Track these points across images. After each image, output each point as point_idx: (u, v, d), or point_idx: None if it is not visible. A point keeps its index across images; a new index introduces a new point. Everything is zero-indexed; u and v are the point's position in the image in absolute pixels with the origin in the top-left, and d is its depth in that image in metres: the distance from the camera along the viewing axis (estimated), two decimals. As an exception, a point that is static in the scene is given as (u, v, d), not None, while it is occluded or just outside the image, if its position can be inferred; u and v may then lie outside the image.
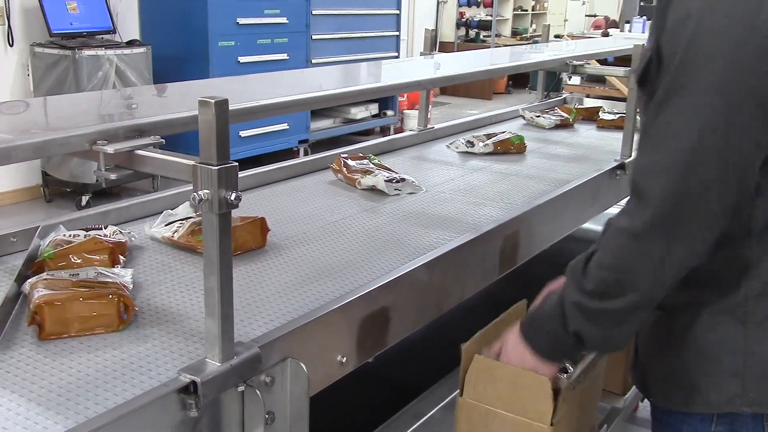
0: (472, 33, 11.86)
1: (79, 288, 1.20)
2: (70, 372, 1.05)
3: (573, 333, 1.17)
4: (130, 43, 5.45)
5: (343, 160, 2.12)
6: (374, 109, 7.54)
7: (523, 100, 5.60)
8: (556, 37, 9.27)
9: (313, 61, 6.60)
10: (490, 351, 1.41)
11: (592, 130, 3.05)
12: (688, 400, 1.16)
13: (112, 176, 1.14)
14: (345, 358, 1.29)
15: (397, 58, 7.70)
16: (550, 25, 4.06)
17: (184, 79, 1.89)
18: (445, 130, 2.82)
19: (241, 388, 1.07)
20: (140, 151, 1.13)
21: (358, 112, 7.29)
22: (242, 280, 1.39)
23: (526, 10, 13.04)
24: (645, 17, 8.40)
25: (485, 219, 1.81)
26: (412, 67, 2.93)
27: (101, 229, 1.50)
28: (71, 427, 0.92)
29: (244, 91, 1.73)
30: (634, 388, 2.32)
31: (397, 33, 7.77)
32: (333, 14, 6.81)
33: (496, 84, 11.15)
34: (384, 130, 7.78)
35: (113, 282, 1.25)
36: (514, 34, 12.43)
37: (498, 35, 11.70)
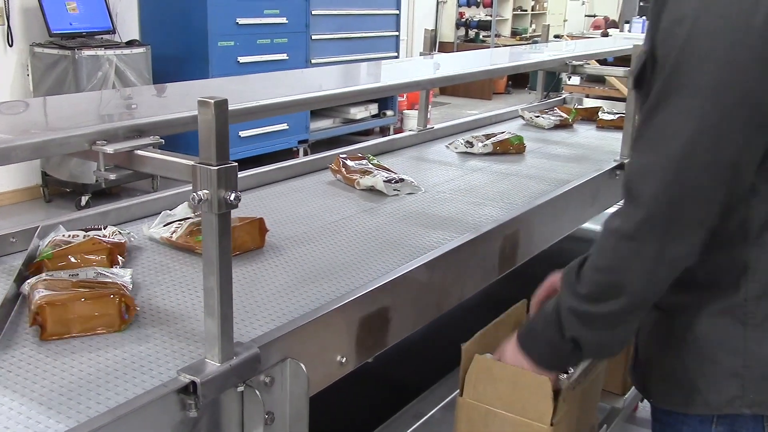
0: (472, 33, 11.87)
1: (79, 288, 1.20)
2: (72, 371, 1.05)
3: (570, 339, 1.18)
4: (130, 43, 5.45)
5: (341, 160, 2.11)
6: (374, 109, 7.54)
7: (522, 100, 5.60)
8: (556, 37, 9.27)
9: (313, 61, 6.60)
10: None
11: (591, 130, 3.04)
12: (688, 401, 1.16)
13: (112, 176, 1.15)
14: (345, 358, 1.28)
15: (396, 58, 7.70)
16: (550, 25, 4.07)
17: (184, 79, 1.89)
18: (445, 130, 2.82)
19: (241, 389, 1.07)
20: (140, 152, 1.13)
21: (358, 113, 7.30)
22: (241, 281, 1.39)
23: (526, 11, 13.05)
24: (644, 17, 8.39)
25: (485, 219, 1.81)
26: (411, 67, 2.93)
27: (100, 230, 1.50)
28: (73, 426, 0.92)
29: (243, 91, 1.73)
30: (633, 389, 2.32)
31: (397, 33, 7.78)
32: (333, 14, 6.81)
33: (496, 84, 11.16)
34: (384, 131, 7.79)
35: (113, 282, 1.25)
36: (514, 34, 12.44)
37: (497, 35, 11.70)
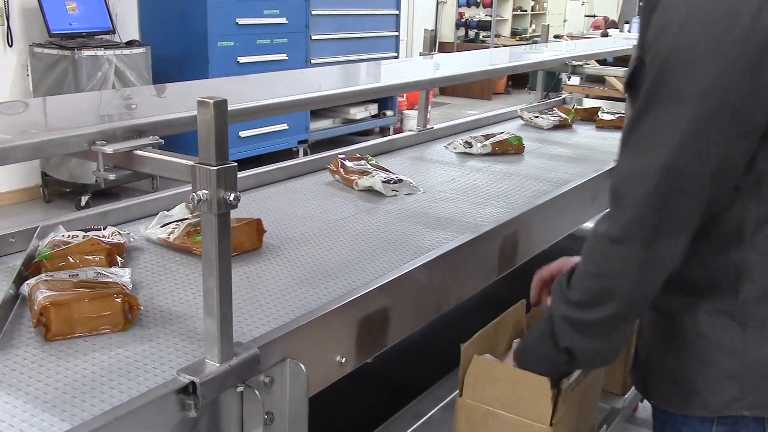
0: (472, 33, 11.86)
1: (80, 289, 1.19)
2: (75, 371, 1.05)
3: (564, 350, 1.19)
4: (130, 44, 5.45)
5: (340, 161, 2.10)
6: (374, 109, 7.54)
7: (522, 101, 5.60)
8: (556, 37, 9.27)
9: (313, 62, 6.60)
10: None
11: (591, 131, 3.04)
12: (687, 402, 1.16)
13: (111, 176, 1.15)
14: (344, 359, 1.28)
15: (396, 58, 7.70)
16: (550, 25, 4.08)
17: (184, 80, 1.89)
18: (445, 130, 2.81)
19: (240, 389, 1.07)
20: (139, 152, 1.13)
21: (358, 113, 7.29)
22: (240, 281, 1.39)
23: (526, 11, 13.05)
24: (643, 18, 8.39)
25: (484, 219, 1.81)
26: (411, 67, 2.93)
27: (100, 230, 1.50)
28: (77, 424, 0.92)
29: (243, 91, 1.73)
30: (633, 389, 2.31)
31: (397, 33, 7.77)
32: (332, 14, 6.81)
33: (496, 84, 11.16)
34: (383, 131, 7.78)
35: (113, 282, 1.24)
36: (514, 34, 12.44)
37: (497, 35, 11.70)
